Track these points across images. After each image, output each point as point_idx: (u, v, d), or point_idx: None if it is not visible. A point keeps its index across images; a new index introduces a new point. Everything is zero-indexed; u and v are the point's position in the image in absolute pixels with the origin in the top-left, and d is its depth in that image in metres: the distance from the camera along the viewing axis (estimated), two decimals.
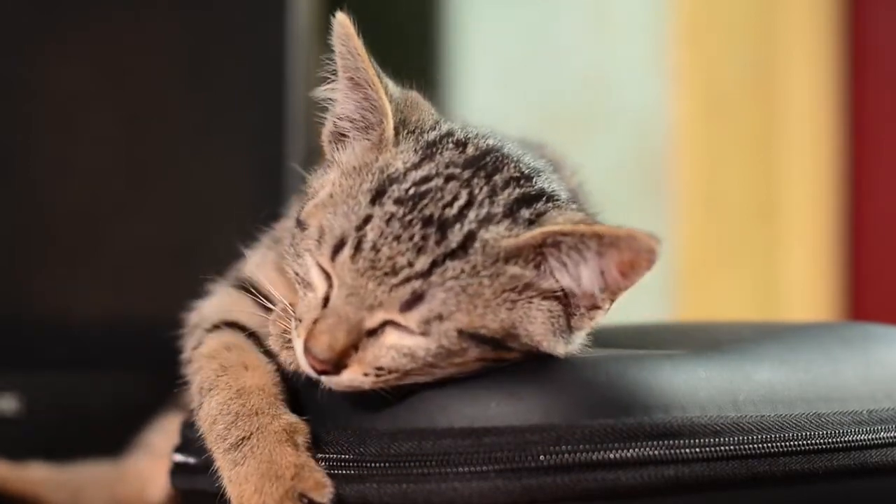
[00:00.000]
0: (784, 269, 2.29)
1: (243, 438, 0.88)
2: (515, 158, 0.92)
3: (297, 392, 0.92)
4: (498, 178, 0.88)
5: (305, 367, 0.86)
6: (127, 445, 1.32)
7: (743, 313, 2.17)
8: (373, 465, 0.86)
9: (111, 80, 1.59)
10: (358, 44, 0.90)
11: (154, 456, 1.26)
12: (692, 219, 2.22)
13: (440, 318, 0.84)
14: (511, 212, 0.87)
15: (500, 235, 0.85)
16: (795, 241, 2.31)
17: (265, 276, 0.97)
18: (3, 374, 1.53)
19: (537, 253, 0.86)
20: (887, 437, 0.92)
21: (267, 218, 1.05)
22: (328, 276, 0.87)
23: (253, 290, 0.97)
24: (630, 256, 0.84)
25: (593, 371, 0.87)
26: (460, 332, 0.84)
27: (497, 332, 0.85)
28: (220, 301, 1.01)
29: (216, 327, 0.98)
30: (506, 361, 0.86)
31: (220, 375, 0.92)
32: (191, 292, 1.05)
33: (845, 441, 0.90)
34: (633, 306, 0.91)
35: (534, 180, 0.90)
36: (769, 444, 0.87)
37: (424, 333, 0.84)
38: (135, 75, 1.60)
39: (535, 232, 0.85)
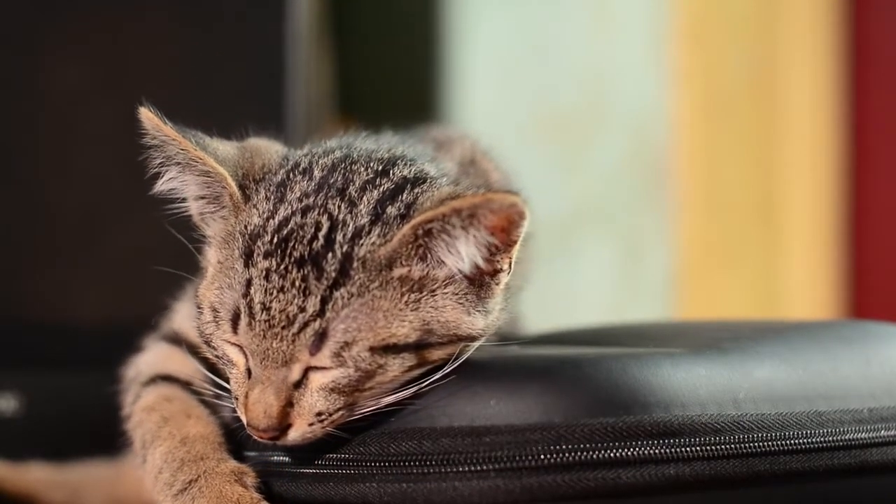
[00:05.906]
0: (784, 268, 2.29)
1: (191, 481, 0.88)
2: (365, 159, 0.91)
3: None
4: (352, 189, 0.87)
5: (258, 439, 0.86)
6: (127, 445, 1.32)
7: (743, 313, 2.16)
8: (373, 464, 0.86)
9: (111, 80, 1.60)
10: (169, 130, 0.89)
11: None
12: (692, 219, 2.21)
13: (347, 345, 0.83)
14: (378, 215, 0.86)
15: (374, 245, 0.85)
16: (795, 241, 2.31)
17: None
18: (3, 374, 1.54)
19: (416, 246, 0.85)
20: (888, 436, 0.92)
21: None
22: (241, 349, 0.86)
23: (184, 343, 0.97)
24: (498, 217, 0.84)
25: (593, 370, 0.86)
26: (372, 350, 0.84)
27: (409, 335, 0.85)
28: (154, 355, 1.01)
29: (152, 381, 0.98)
30: (435, 363, 0.86)
31: (162, 426, 0.92)
32: None
33: (846, 439, 0.90)
34: (634, 306, 0.91)
35: (391, 173, 0.89)
36: (769, 443, 0.87)
37: (340, 364, 0.84)
38: (135, 75, 1.60)
39: (404, 230, 0.84)
